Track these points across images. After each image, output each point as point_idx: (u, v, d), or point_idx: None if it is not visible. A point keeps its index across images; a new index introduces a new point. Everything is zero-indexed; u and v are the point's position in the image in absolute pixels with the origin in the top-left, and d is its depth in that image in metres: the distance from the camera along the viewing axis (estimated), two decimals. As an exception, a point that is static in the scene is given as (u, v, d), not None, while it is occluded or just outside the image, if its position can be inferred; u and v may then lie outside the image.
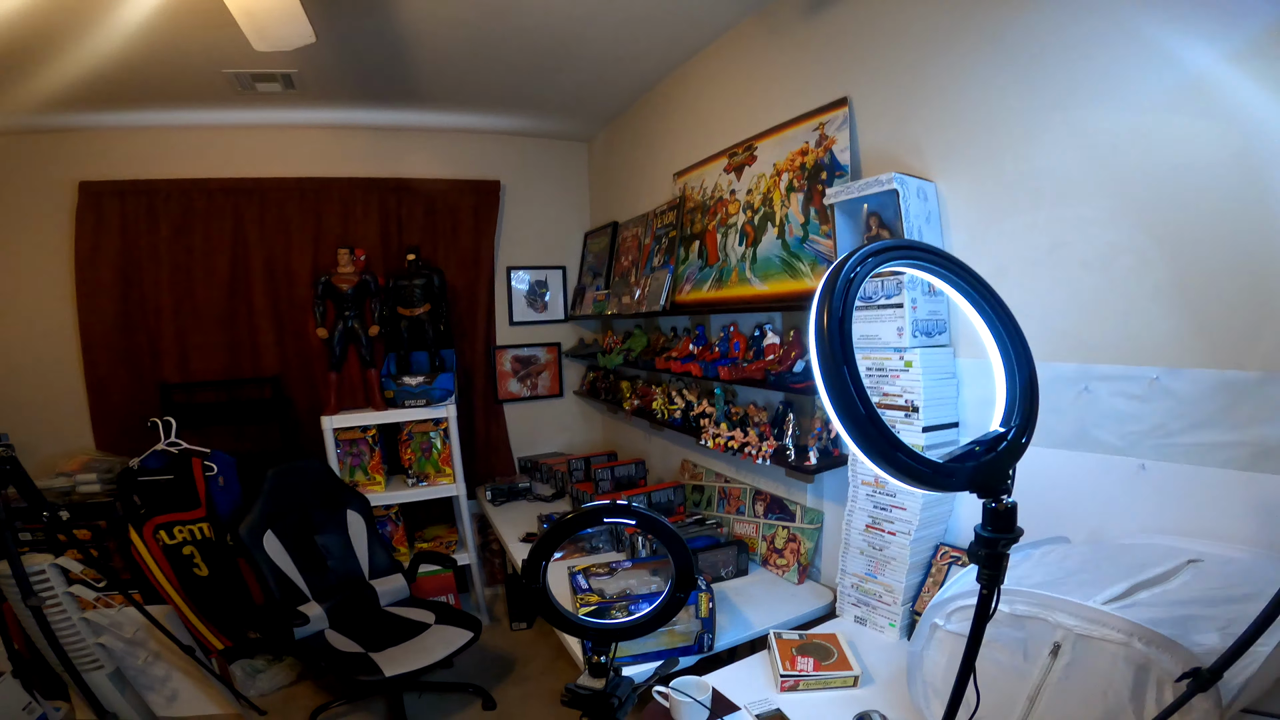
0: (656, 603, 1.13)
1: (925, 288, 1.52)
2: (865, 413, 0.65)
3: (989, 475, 0.71)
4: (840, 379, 0.66)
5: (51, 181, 2.88)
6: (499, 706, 2.60)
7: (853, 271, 0.76)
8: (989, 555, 0.74)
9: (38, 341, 2.93)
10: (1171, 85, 1.16)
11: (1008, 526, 0.72)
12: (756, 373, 1.97)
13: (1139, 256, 1.24)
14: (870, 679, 1.50)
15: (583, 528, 1.07)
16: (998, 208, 1.49)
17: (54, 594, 2.15)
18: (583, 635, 1.14)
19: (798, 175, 1.98)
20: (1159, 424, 1.23)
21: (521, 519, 3.01)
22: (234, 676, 2.65)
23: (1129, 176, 1.24)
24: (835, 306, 0.71)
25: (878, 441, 0.66)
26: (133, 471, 2.71)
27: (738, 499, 2.37)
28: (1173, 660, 0.92)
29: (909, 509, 1.56)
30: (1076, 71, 1.30)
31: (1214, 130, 1.12)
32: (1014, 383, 0.78)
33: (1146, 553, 1.20)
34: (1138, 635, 0.95)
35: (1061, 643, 1.05)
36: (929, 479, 0.67)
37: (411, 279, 3.10)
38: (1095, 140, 1.29)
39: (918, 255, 0.82)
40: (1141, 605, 1.02)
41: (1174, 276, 1.20)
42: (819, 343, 0.69)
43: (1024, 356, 0.79)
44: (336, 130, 3.25)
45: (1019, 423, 0.75)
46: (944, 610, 1.23)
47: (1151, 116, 1.20)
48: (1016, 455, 0.74)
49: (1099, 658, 1.00)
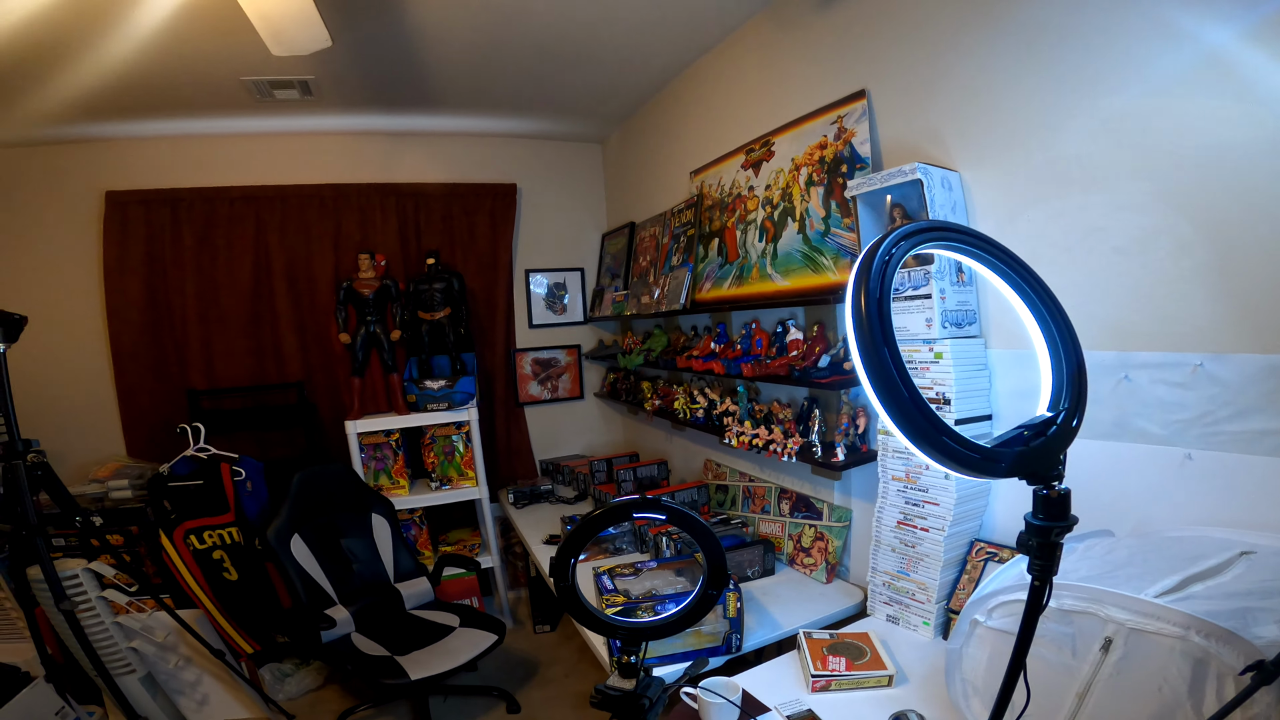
0: (688, 601, 1.11)
1: (953, 278, 1.49)
2: (909, 395, 0.63)
3: (1038, 461, 0.69)
4: (881, 361, 0.64)
5: (77, 191, 2.94)
6: (523, 709, 2.60)
7: (889, 253, 0.74)
8: (1041, 545, 0.72)
9: (69, 350, 2.98)
10: (1197, 65, 1.14)
11: (1061, 514, 0.70)
12: (780, 369, 1.95)
13: (1176, 240, 1.21)
14: (905, 678, 1.47)
15: (613, 523, 1.06)
16: (1025, 196, 1.46)
17: (87, 598, 2.18)
18: (612, 634, 1.13)
19: (817, 169, 1.96)
20: (1204, 412, 1.19)
21: (544, 521, 3.01)
22: (263, 680, 2.68)
23: (1160, 160, 1.21)
24: (873, 288, 0.69)
25: (922, 425, 0.64)
26: (163, 477, 2.76)
27: (762, 498, 2.34)
28: (1233, 653, 0.89)
29: (942, 504, 1.53)
30: (1098, 55, 1.28)
31: (1245, 110, 1.09)
32: (1059, 364, 0.75)
33: (1196, 545, 1.17)
34: (1195, 628, 0.93)
35: (1113, 638, 1.02)
36: (976, 464, 0.65)
37: (431, 283, 3.12)
38: (1123, 125, 1.26)
39: (953, 237, 0.80)
40: (1196, 598, 0.99)
41: (1213, 259, 1.16)
42: (857, 325, 0.67)
43: (1069, 337, 0.76)
44: (353, 136, 3.28)
45: (1068, 405, 0.72)
46: (985, 606, 1.20)
47: (1178, 99, 1.17)
48: (1067, 439, 0.71)
49: (1153, 652, 0.97)
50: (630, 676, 1.12)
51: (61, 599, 1.89)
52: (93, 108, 2.61)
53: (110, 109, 2.65)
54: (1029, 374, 1.45)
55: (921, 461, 1.57)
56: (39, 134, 2.81)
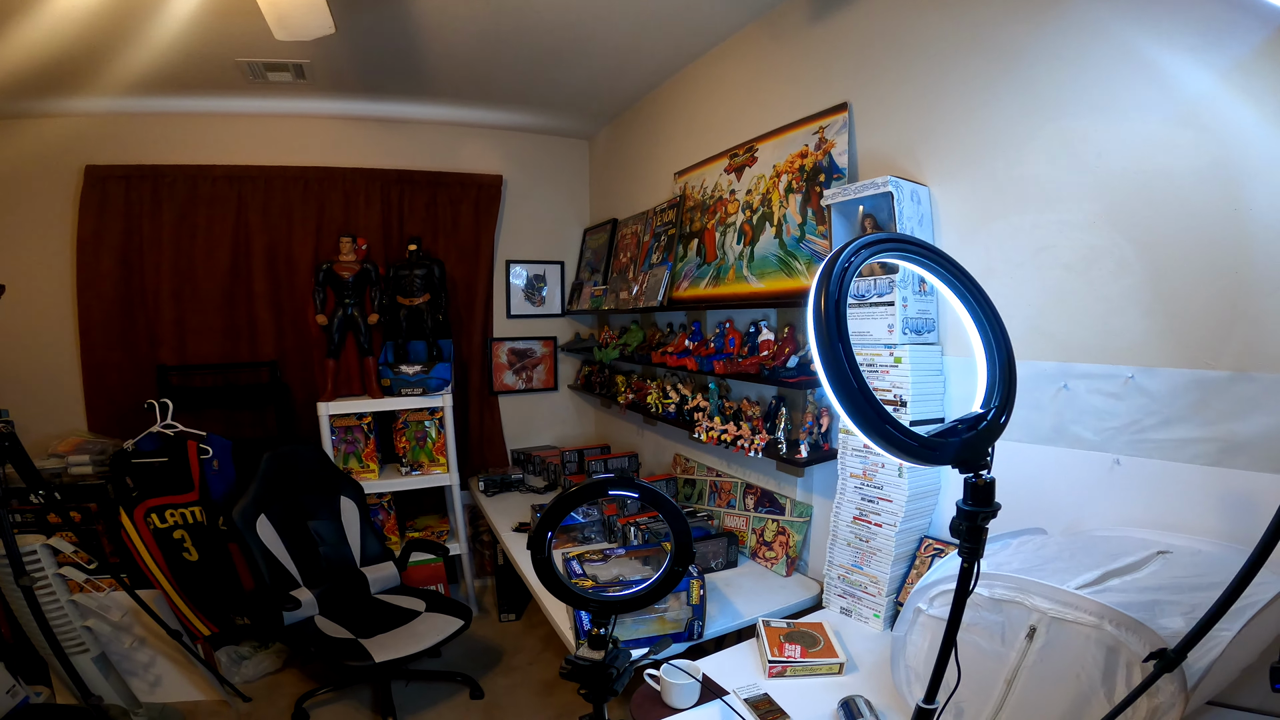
0: (656, 577, 1.16)
1: (915, 287, 1.58)
2: (857, 385, 0.70)
3: (971, 451, 0.76)
4: (835, 354, 0.71)
5: (58, 165, 2.89)
6: (486, 696, 2.61)
7: (848, 260, 0.81)
8: (969, 528, 0.79)
9: (34, 322, 2.92)
10: (1158, 98, 1.21)
11: (986, 500, 0.77)
12: (751, 367, 2.02)
13: (1117, 259, 1.30)
14: (855, 667, 1.55)
15: (590, 498, 1.11)
16: (987, 211, 1.54)
17: (44, 575, 2.15)
18: (583, 607, 1.18)
19: (797, 177, 2.03)
20: (1133, 420, 1.28)
21: (514, 509, 3.05)
22: (219, 663, 2.64)
23: (1111, 183, 1.30)
24: (832, 290, 0.76)
25: (869, 414, 0.71)
26: (127, 453, 2.70)
27: (728, 492, 2.42)
28: (1140, 642, 0.96)
29: (895, 501, 1.61)
30: (1068, 83, 1.36)
31: (1193, 139, 1.17)
32: (994, 366, 0.83)
33: (1119, 544, 1.26)
34: (1108, 618, 1.00)
35: (1037, 626, 1.09)
36: (915, 451, 0.72)
37: (412, 269, 3.13)
38: (1082, 148, 1.34)
39: (906, 248, 0.88)
40: (1112, 591, 1.07)
41: (1148, 278, 1.25)
42: (816, 323, 0.74)
43: (1003, 342, 0.84)
44: (342, 121, 3.27)
45: (998, 403, 0.80)
46: (927, 595, 1.27)
47: (1132, 123, 1.25)
48: (995, 434, 0.79)
49: (1072, 640, 1.05)
50: (599, 648, 1.16)
51: (20, 574, 1.86)
52: (79, 82, 2.57)
53: (98, 84, 2.61)
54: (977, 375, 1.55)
55: (877, 458, 1.65)
56: (20, 107, 2.75)
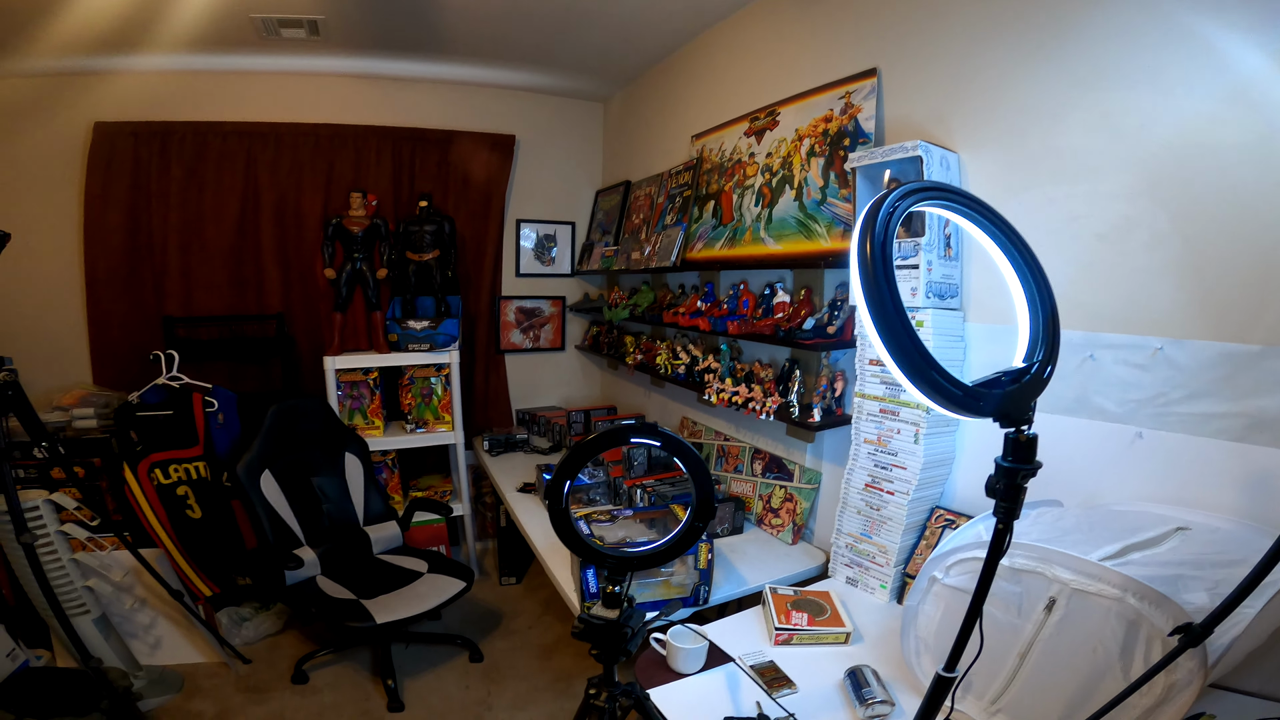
0: (675, 532, 1.14)
1: (941, 251, 1.55)
2: (904, 328, 0.68)
3: (1013, 404, 0.74)
4: (882, 297, 0.69)
5: (68, 122, 2.85)
6: (486, 659, 2.63)
7: (894, 205, 0.78)
8: (1008, 487, 0.77)
9: (39, 273, 2.89)
10: (1208, 75, 1.18)
11: (1028, 457, 0.75)
12: (766, 328, 2.00)
13: (1153, 231, 1.28)
14: (860, 638, 1.55)
15: (611, 445, 1.08)
16: (1019, 181, 1.51)
17: (46, 532, 2.12)
18: (600, 562, 1.15)
19: (819, 141, 1.99)
20: (1158, 393, 1.27)
21: (518, 470, 3.05)
22: (220, 624, 2.65)
23: (1151, 156, 1.27)
24: (879, 232, 0.73)
25: (914, 358, 0.69)
26: (132, 406, 2.68)
27: (736, 457, 2.41)
28: (1164, 617, 0.95)
29: (909, 468, 1.60)
30: (1114, 56, 1.32)
31: (1241, 116, 1.14)
32: (1037, 320, 0.81)
33: (1137, 519, 1.24)
34: (1132, 590, 0.99)
35: (1056, 597, 1.08)
36: (959, 400, 0.71)
37: (422, 225, 3.09)
38: (1123, 121, 1.31)
39: (951, 197, 0.85)
40: (1134, 564, 1.05)
41: (1185, 252, 1.23)
42: (862, 264, 0.72)
43: (1047, 296, 0.82)
44: (355, 79, 3.22)
45: (1042, 357, 0.78)
46: (944, 563, 1.26)
47: (1179, 99, 1.22)
48: (1039, 388, 0.77)
49: (1092, 614, 1.04)
50: (614, 607, 1.14)
51: (22, 530, 1.83)
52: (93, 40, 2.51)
53: (110, 41, 2.55)
54: (1000, 349, 1.53)
55: (892, 424, 1.64)
56: (31, 66, 2.69)
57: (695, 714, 1.31)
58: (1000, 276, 0.87)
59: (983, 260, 1.57)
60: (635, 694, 1.23)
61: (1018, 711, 1.17)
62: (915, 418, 1.58)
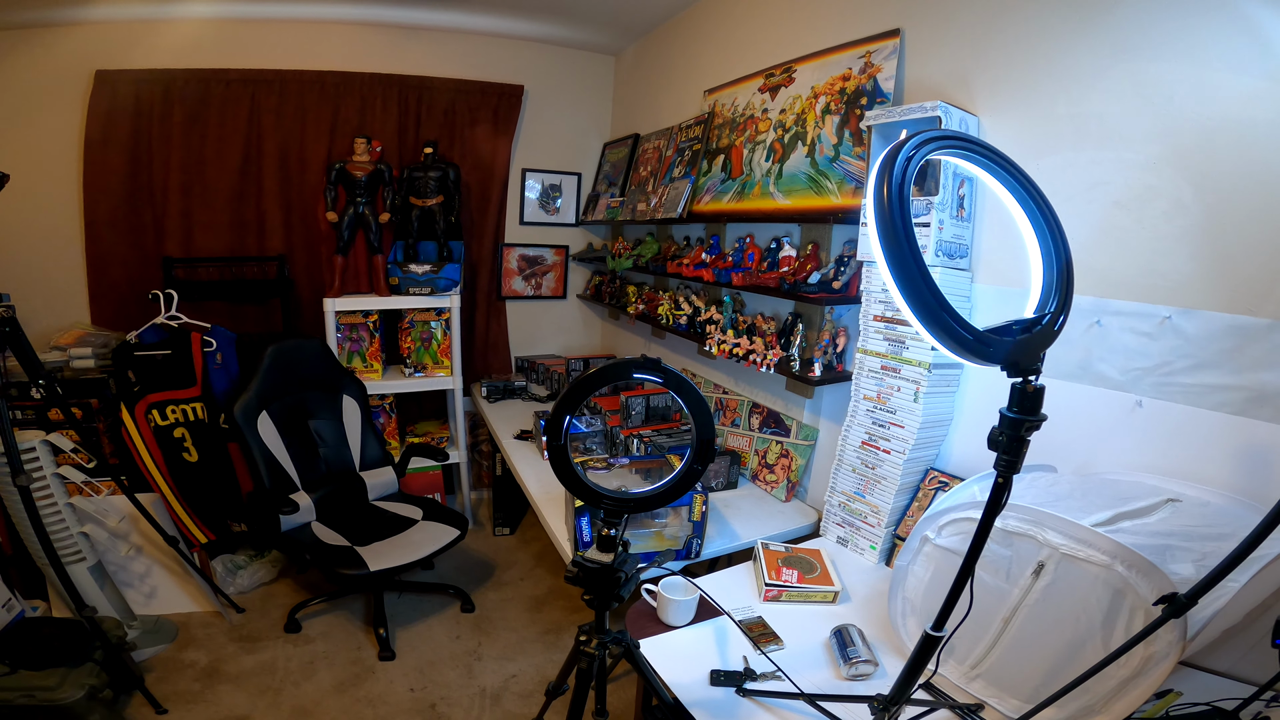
0: (674, 475, 1.14)
1: (953, 211, 1.53)
2: (918, 269, 0.67)
3: (1024, 353, 0.74)
4: (897, 236, 0.68)
5: (70, 72, 2.79)
6: (477, 610, 2.66)
7: (913, 150, 0.76)
8: (1011, 439, 0.77)
9: (37, 213, 2.85)
10: (1250, 52, 1.14)
11: (1034, 408, 0.75)
12: (771, 281, 1.98)
13: (1173, 200, 1.25)
14: (848, 597, 1.58)
15: (613, 380, 1.07)
16: (1040, 145, 1.48)
17: (42, 475, 2.10)
18: (597, 504, 1.14)
19: (836, 99, 1.95)
20: (1163, 361, 1.27)
21: (516, 417, 3.06)
22: (214, 572, 2.66)
23: (1179, 126, 1.24)
24: (896, 174, 0.72)
25: (928, 300, 0.68)
26: (130, 345, 2.65)
27: (734, 410, 2.42)
28: (1149, 586, 0.96)
29: (907, 427, 1.61)
30: (1151, 27, 1.28)
31: (1273, 89, 1.11)
32: (1051, 269, 0.80)
33: (1130, 488, 1.25)
34: (1121, 558, 1.00)
35: (1045, 562, 1.09)
36: (969, 345, 0.70)
37: (427, 171, 3.04)
38: (1153, 91, 1.28)
39: (969, 145, 0.83)
40: (1124, 533, 1.06)
41: (1205, 222, 1.21)
42: (879, 205, 0.70)
43: (1062, 246, 0.81)
44: (362, 26, 3.14)
45: (1054, 308, 0.77)
46: (936, 523, 1.27)
47: (1220, 76, 1.18)
48: (1050, 338, 0.76)
49: (1079, 580, 1.05)
50: (609, 550, 1.13)
51: (18, 472, 1.80)
52: None
53: None
54: (1007, 311, 1.51)
55: (893, 380, 1.63)
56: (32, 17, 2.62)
57: (683, 665, 1.34)
58: (1011, 239, 0.86)
59: (995, 222, 1.55)
60: (625, 642, 1.23)
61: (996, 677, 1.19)
62: (916, 375, 1.58)
